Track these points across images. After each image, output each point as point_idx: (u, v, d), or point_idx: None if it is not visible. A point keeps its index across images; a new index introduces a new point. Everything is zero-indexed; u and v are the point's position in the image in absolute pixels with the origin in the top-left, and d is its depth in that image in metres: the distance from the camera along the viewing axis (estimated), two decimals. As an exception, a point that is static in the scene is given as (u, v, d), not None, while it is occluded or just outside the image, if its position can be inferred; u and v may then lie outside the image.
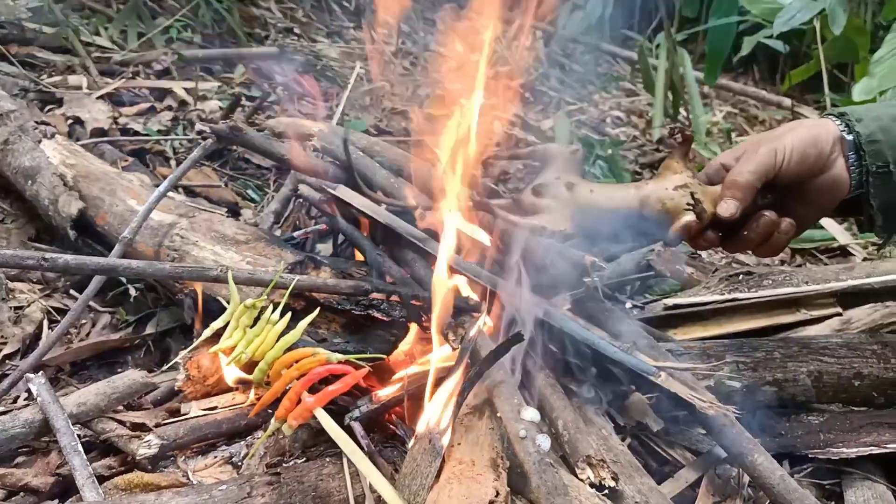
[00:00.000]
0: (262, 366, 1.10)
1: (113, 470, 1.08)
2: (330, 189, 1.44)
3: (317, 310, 1.14)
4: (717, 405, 1.07)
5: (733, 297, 1.52)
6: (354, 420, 1.09)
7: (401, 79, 3.40)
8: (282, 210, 1.99)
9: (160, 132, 2.31)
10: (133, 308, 1.59)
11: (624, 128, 3.74)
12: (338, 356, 1.09)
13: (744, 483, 1.18)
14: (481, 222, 1.26)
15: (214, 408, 1.20)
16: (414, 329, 1.25)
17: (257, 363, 1.11)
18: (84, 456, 1.02)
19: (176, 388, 1.24)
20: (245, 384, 1.21)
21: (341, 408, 1.15)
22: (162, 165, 2.16)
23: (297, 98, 2.83)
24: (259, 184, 2.25)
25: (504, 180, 2.43)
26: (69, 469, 1.01)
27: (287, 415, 1.04)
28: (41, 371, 1.18)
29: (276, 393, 1.08)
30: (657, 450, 1.26)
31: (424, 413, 1.03)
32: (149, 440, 1.08)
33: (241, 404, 1.20)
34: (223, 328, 1.15)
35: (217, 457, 1.12)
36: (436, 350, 1.15)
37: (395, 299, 1.22)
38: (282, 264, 1.28)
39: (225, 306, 1.16)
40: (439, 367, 1.10)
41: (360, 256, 1.41)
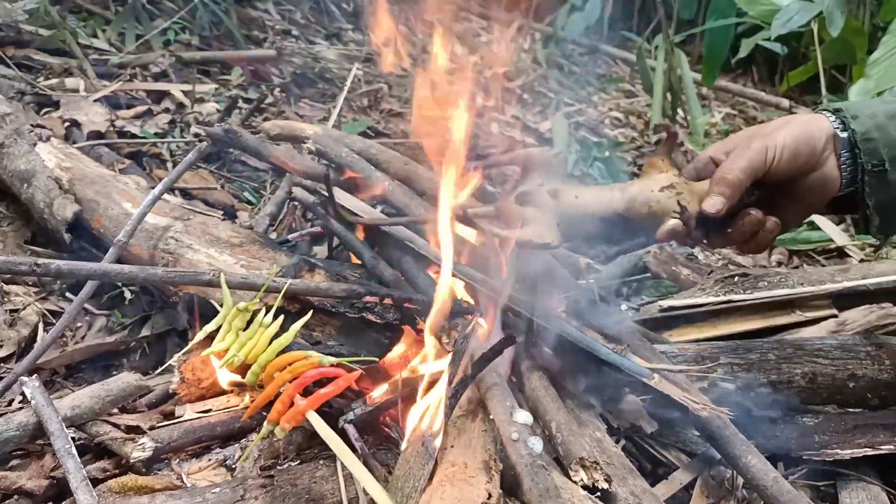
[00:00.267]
0: (255, 369, 1.10)
1: (107, 473, 1.08)
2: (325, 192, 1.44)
3: (309, 313, 1.14)
4: (711, 407, 1.07)
5: (728, 299, 1.52)
6: (348, 423, 1.09)
7: (399, 80, 3.40)
8: (277, 213, 2.00)
9: (157, 135, 2.30)
10: (128, 311, 1.59)
11: (622, 129, 3.74)
12: (330, 359, 1.09)
13: (738, 485, 1.18)
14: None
15: (208, 410, 1.20)
16: (408, 332, 1.26)
17: (250, 366, 1.11)
18: (78, 459, 1.02)
19: (170, 391, 1.24)
20: (239, 387, 1.21)
21: (335, 410, 1.15)
22: (159, 168, 2.16)
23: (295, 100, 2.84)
24: (255, 186, 2.25)
25: (503, 182, 2.43)
26: (63, 472, 1.01)
27: (280, 418, 1.04)
28: (36, 374, 1.18)
29: (269, 396, 1.08)
30: (651, 452, 1.26)
31: (417, 415, 1.04)
32: (143, 443, 1.08)
33: (235, 407, 1.20)
34: (216, 331, 1.15)
35: (211, 459, 1.12)
36: (429, 353, 1.15)
37: (389, 302, 1.22)
38: (275, 267, 1.29)
39: (218, 309, 1.16)
40: (432, 370, 1.10)
41: (356, 259, 1.41)
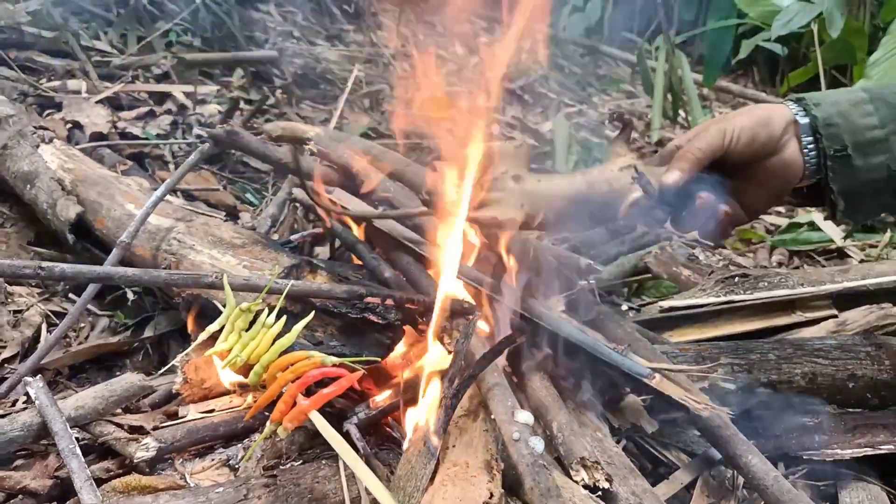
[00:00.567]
0: (258, 369, 1.10)
1: (111, 473, 1.09)
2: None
3: (312, 313, 1.14)
4: (712, 406, 1.08)
5: (729, 300, 1.53)
6: (353, 426, 1.10)
7: (400, 81, 3.41)
8: (279, 214, 2.00)
9: (159, 136, 2.31)
10: (131, 312, 1.59)
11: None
12: (333, 359, 1.09)
13: (738, 484, 1.18)
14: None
15: (212, 411, 1.20)
16: (409, 332, 1.26)
17: (253, 366, 1.12)
18: (82, 459, 1.03)
19: (173, 392, 1.24)
20: (241, 387, 1.22)
21: (338, 410, 1.16)
22: (161, 169, 2.17)
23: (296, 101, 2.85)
24: (257, 187, 2.26)
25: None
26: (67, 472, 1.01)
27: (282, 417, 1.05)
28: (39, 374, 1.18)
29: (272, 396, 1.09)
30: (652, 452, 1.26)
31: (419, 416, 1.04)
32: (146, 443, 1.08)
33: (238, 407, 1.21)
34: (219, 331, 1.16)
35: (214, 459, 1.13)
36: (431, 353, 1.15)
37: (391, 303, 1.22)
38: (277, 268, 1.29)
39: (221, 310, 1.16)
40: (434, 371, 1.11)
41: (357, 259, 1.42)
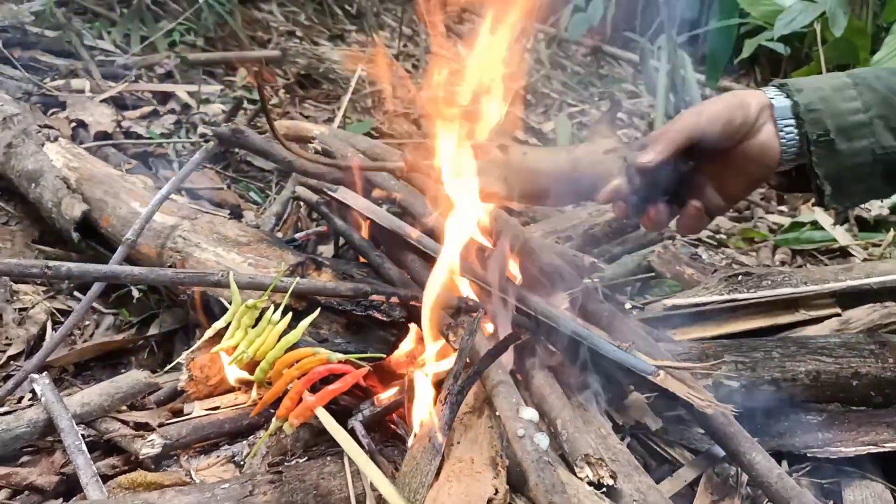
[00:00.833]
0: (264, 365, 1.11)
1: (116, 469, 1.09)
2: (330, 191, 1.45)
3: (317, 311, 1.15)
4: (716, 404, 1.08)
5: (733, 298, 1.52)
6: (358, 423, 1.11)
7: (403, 81, 3.41)
8: (283, 212, 2.01)
9: (163, 135, 2.32)
10: (136, 309, 1.60)
11: (626, 129, 3.75)
12: (338, 356, 1.10)
13: (742, 482, 1.18)
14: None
15: (217, 407, 1.21)
16: (414, 329, 1.26)
17: (259, 363, 1.12)
18: (88, 455, 1.03)
19: (179, 389, 1.25)
20: (247, 384, 1.22)
21: (342, 407, 1.16)
22: (165, 168, 2.17)
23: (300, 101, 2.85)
24: (261, 186, 2.26)
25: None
26: (73, 468, 1.02)
27: (288, 414, 1.05)
28: (45, 371, 1.19)
29: (277, 392, 1.09)
30: (656, 449, 1.26)
31: (424, 413, 1.04)
32: (152, 440, 1.09)
33: (243, 404, 1.21)
34: (225, 328, 1.16)
35: (219, 456, 1.13)
36: (435, 350, 1.16)
37: (396, 301, 1.22)
38: (283, 266, 1.30)
39: (227, 307, 1.17)
40: (439, 368, 1.11)
41: (362, 258, 1.42)
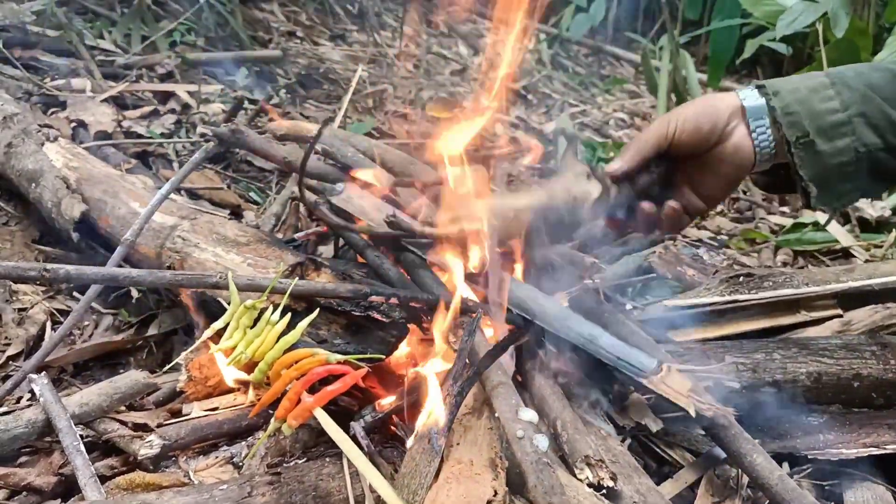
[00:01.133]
0: (262, 366, 1.10)
1: (115, 470, 1.09)
2: (333, 192, 1.45)
3: (316, 311, 1.14)
4: (716, 406, 1.08)
5: (734, 299, 1.52)
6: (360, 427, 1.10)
7: (403, 81, 3.41)
8: (283, 212, 2.00)
9: (163, 135, 2.32)
10: (135, 310, 1.60)
11: (627, 130, 3.75)
12: (337, 356, 1.09)
13: (743, 484, 1.18)
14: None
15: (215, 408, 1.21)
16: (414, 330, 1.26)
17: (257, 364, 1.12)
18: (86, 456, 1.03)
19: (177, 389, 1.25)
20: (245, 385, 1.22)
21: (341, 408, 1.16)
22: (165, 168, 2.17)
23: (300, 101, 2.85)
24: (261, 186, 2.26)
25: (510, 182, 2.44)
26: (72, 469, 1.02)
27: (287, 415, 1.05)
28: (44, 372, 1.19)
29: (276, 393, 1.09)
30: (656, 450, 1.26)
31: (423, 414, 1.04)
32: (150, 440, 1.09)
33: (242, 405, 1.21)
34: (224, 329, 1.16)
35: (218, 457, 1.13)
36: (436, 351, 1.15)
37: (395, 301, 1.22)
38: (281, 266, 1.29)
39: (225, 307, 1.17)
40: (439, 369, 1.11)
41: (361, 258, 1.41)
